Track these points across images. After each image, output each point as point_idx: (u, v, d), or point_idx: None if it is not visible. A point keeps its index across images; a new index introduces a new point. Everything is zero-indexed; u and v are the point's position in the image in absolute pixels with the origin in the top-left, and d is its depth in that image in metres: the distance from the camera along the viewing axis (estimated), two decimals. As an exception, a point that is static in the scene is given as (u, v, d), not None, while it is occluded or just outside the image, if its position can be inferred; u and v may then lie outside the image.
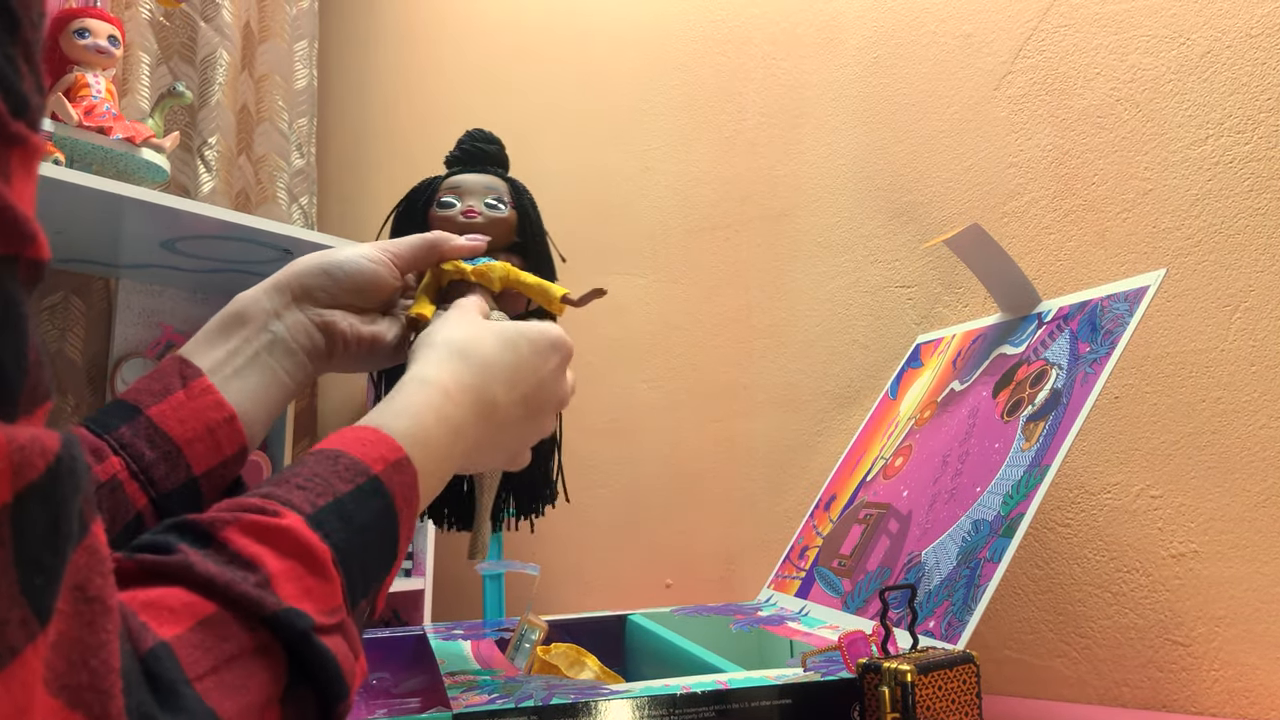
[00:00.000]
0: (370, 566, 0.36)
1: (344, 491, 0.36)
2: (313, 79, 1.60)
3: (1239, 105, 0.86)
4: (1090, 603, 0.88)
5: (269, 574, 0.31)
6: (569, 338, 0.52)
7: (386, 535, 0.38)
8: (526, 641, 0.70)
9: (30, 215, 0.22)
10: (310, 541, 0.33)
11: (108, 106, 1.04)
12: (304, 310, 0.52)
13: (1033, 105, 0.99)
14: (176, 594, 0.29)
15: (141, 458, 0.45)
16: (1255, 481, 0.82)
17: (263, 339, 0.51)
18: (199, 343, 0.50)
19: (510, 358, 0.48)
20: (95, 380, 1.26)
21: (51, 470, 0.21)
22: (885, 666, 0.52)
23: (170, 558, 0.30)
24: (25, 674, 0.20)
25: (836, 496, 0.95)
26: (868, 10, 1.13)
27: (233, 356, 0.49)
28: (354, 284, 0.53)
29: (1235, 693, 0.81)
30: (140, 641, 0.26)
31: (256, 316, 0.51)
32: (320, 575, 0.33)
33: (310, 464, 0.37)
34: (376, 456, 0.38)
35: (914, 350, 1.03)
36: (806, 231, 1.16)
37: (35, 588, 0.21)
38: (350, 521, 0.35)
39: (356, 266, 0.53)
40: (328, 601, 0.33)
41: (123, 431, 0.45)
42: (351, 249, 0.55)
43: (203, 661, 0.28)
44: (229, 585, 0.29)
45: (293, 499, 0.34)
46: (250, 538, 0.32)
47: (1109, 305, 0.75)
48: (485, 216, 0.62)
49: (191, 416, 0.47)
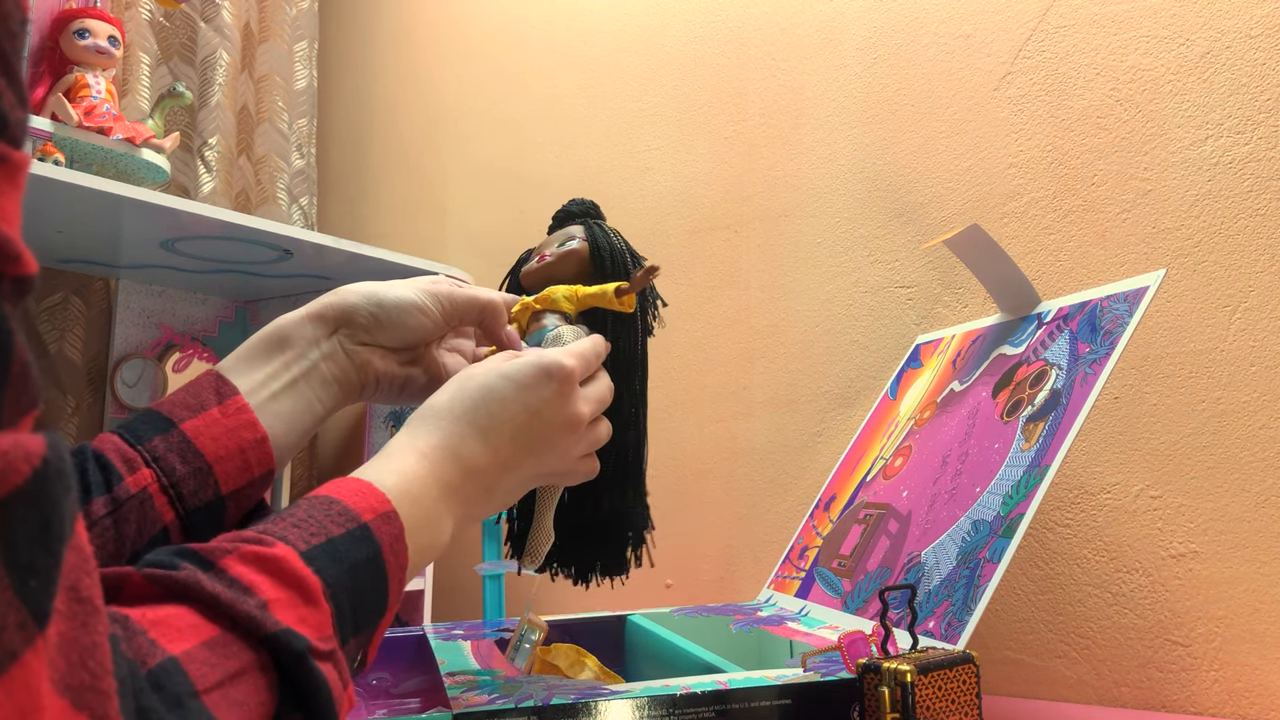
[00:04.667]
0: (360, 607, 0.37)
1: (336, 533, 0.37)
2: (313, 80, 1.60)
3: (1238, 106, 0.86)
4: (1090, 603, 0.88)
5: (266, 600, 0.32)
6: (566, 359, 0.50)
7: (376, 580, 0.39)
8: (526, 642, 0.70)
9: (14, 235, 0.21)
10: (302, 572, 0.34)
11: (108, 107, 1.04)
12: (342, 343, 0.53)
13: (1032, 106, 0.99)
14: (183, 614, 0.30)
15: (173, 472, 0.45)
16: (1255, 482, 0.82)
17: (301, 365, 0.51)
18: (238, 360, 0.50)
19: (487, 405, 0.48)
20: (95, 381, 1.26)
21: (39, 473, 0.21)
22: (885, 667, 0.52)
23: (178, 572, 0.31)
24: (27, 676, 0.20)
25: (836, 497, 0.95)
26: (867, 11, 1.13)
27: (271, 380, 0.50)
28: (397, 325, 0.54)
29: (1235, 693, 0.81)
30: (149, 656, 0.27)
31: (297, 343, 0.51)
32: (312, 604, 0.34)
33: (305, 507, 0.38)
34: (366, 506, 0.40)
35: (914, 350, 1.03)
36: (806, 232, 1.16)
37: (31, 590, 0.21)
38: (340, 561, 0.37)
39: (403, 309, 0.54)
40: (320, 629, 0.34)
41: (156, 443, 0.46)
42: (402, 287, 0.55)
43: (210, 676, 0.29)
44: (233, 604, 0.31)
45: (288, 535, 0.36)
46: (248, 566, 0.33)
47: (1109, 306, 0.75)
48: (554, 254, 0.64)
49: (224, 435, 0.47)
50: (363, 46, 1.73)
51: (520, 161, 1.46)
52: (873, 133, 1.11)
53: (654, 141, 1.31)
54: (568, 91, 1.42)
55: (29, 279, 0.22)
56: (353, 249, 1.16)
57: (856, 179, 1.12)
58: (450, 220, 1.54)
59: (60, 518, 0.22)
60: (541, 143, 1.43)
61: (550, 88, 1.44)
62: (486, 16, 1.55)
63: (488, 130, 1.51)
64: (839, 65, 1.15)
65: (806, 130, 1.17)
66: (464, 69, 1.57)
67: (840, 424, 1.10)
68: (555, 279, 0.63)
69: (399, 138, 1.64)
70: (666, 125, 1.30)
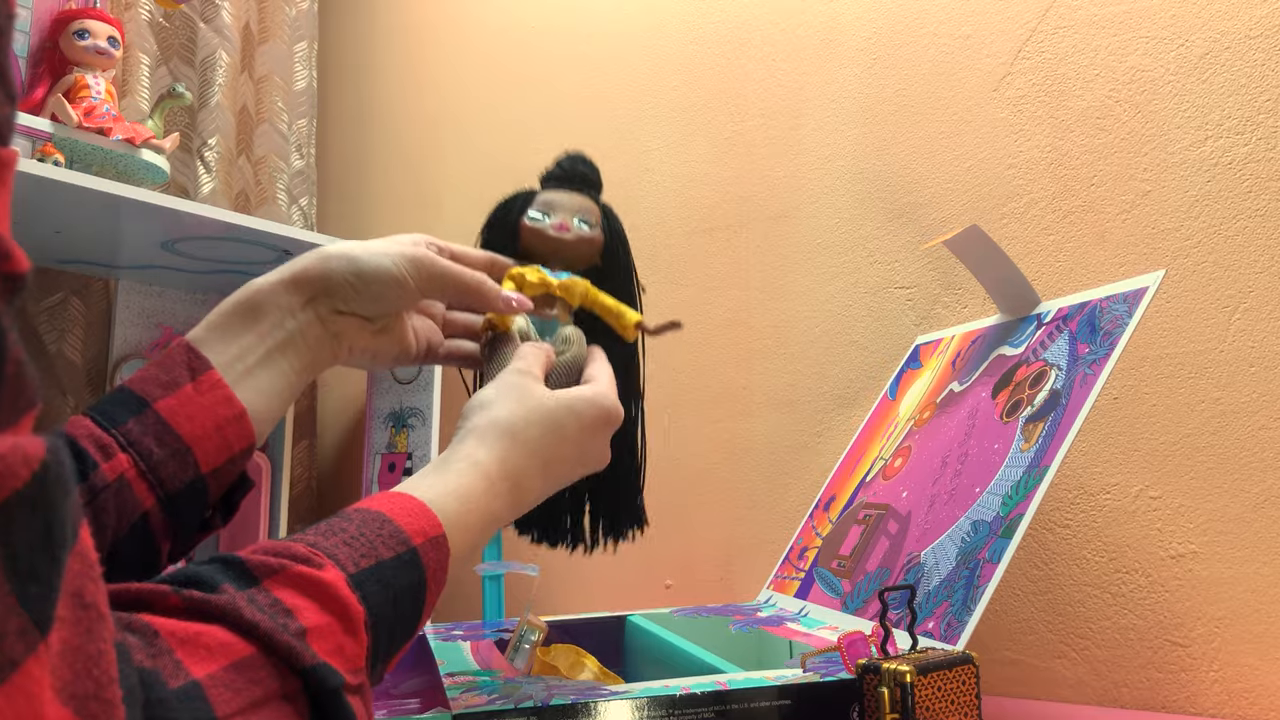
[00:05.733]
0: (396, 633, 0.37)
1: (386, 558, 0.37)
2: (312, 80, 1.60)
3: (1238, 107, 0.86)
4: (1089, 603, 0.88)
5: (306, 627, 0.32)
6: (618, 405, 0.52)
7: (416, 606, 0.39)
8: (526, 642, 0.70)
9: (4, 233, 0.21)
10: (348, 601, 0.34)
11: (107, 108, 1.04)
12: (318, 311, 0.51)
13: (1032, 106, 0.99)
14: (216, 633, 0.29)
15: (150, 455, 0.44)
16: (1254, 482, 0.82)
17: (276, 337, 0.49)
18: (210, 330, 0.48)
19: (552, 439, 0.48)
20: (95, 381, 1.26)
21: (39, 477, 0.21)
22: (884, 667, 0.52)
23: (217, 597, 0.30)
24: (28, 685, 0.20)
25: (836, 497, 0.95)
26: (867, 11, 1.13)
27: (246, 353, 0.48)
28: (375, 296, 0.52)
29: (1234, 694, 0.81)
30: (172, 677, 0.27)
31: (272, 312, 0.49)
32: (352, 634, 0.34)
33: (357, 523, 0.38)
34: (418, 530, 0.39)
35: (913, 351, 1.03)
36: (806, 233, 1.16)
37: (32, 597, 0.20)
38: (387, 588, 0.36)
39: (382, 280, 0.51)
40: (355, 661, 0.34)
41: (130, 426, 0.44)
42: (381, 255, 0.52)
43: (232, 702, 0.28)
44: (271, 634, 0.30)
45: (338, 554, 0.35)
46: (294, 589, 0.33)
47: (1108, 306, 0.75)
48: (575, 233, 0.62)
49: (200, 413, 0.46)
50: (362, 47, 1.73)
51: (520, 162, 1.46)
52: (872, 133, 1.11)
53: (653, 142, 1.31)
54: (567, 92, 1.42)
55: (21, 276, 0.22)
56: (352, 249, 1.16)
57: (856, 179, 1.12)
58: (449, 221, 1.54)
59: (61, 522, 0.22)
60: (541, 143, 1.43)
61: (550, 88, 1.44)
62: (487, 18, 1.55)
63: (487, 131, 1.51)
64: (838, 66, 1.15)
65: (806, 131, 1.17)
66: (464, 70, 1.57)
67: (840, 424, 1.10)
68: (561, 256, 0.61)
69: (399, 139, 1.64)
70: (666, 126, 1.30)
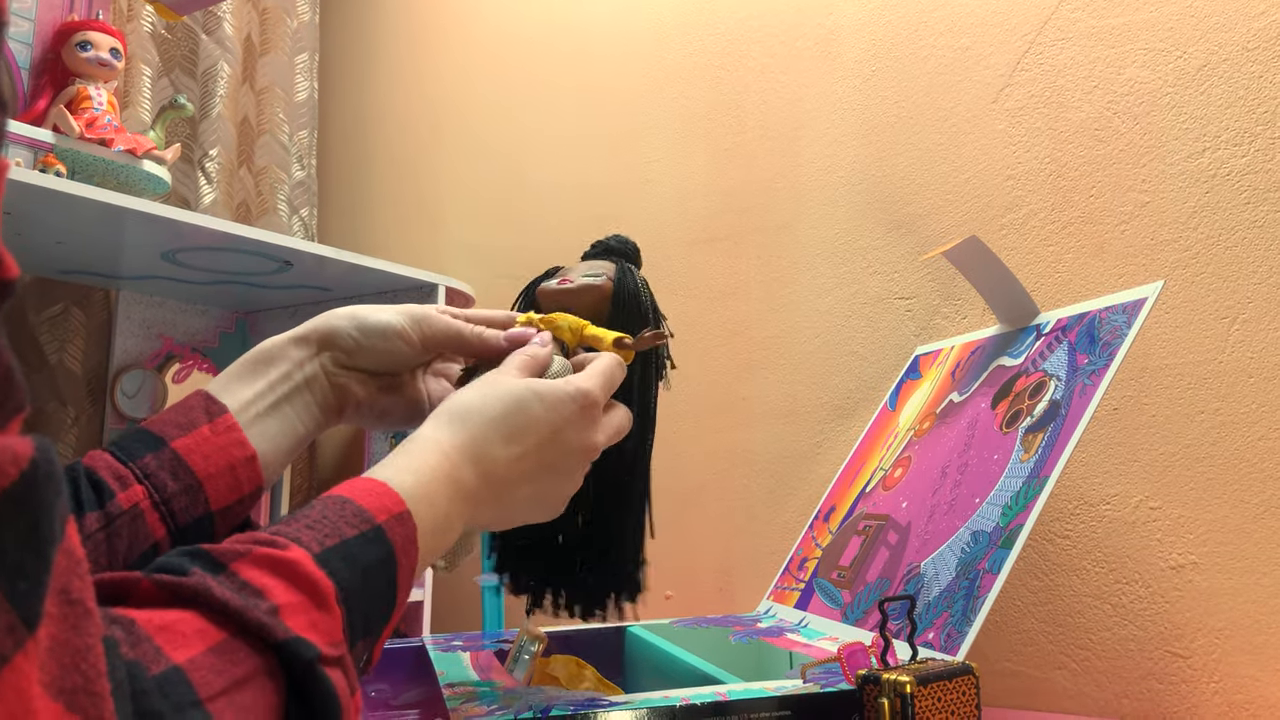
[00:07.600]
0: (370, 610, 0.37)
1: (350, 535, 0.37)
2: (313, 91, 1.60)
3: (1236, 118, 0.86)
4: (1089, 614, 0.88)
5: (278, 604, 0.32)
6: (593, 387, 0.52)
7: (387, 582, 0.39)
8: (526, 653, 0.70)
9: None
10: (316, 576, 0.34)
11: (109, 119, 1.04)
12: (324, 365, 0.53)
13: (1030, 118, 0.99)
14: (190, 619, 0.30)
15: (164, 488, 0.46)
16: (1254, 493, 0.82)
17: (286, 386, 0.52)
18: (227, 380, 0.51)
19: (516, 416, 0.49)
20: (95, 391, 1.26)
21: (27, 476, 0.21)
22: (884, 678, 0.52)
23: (188, 579, 0.31)
24: (17, 680, 0.20)
25: (836, 508, 0.95)
26: (866, 23, 1.14)
27: (257, 399, 0.51)
28: (378, 349, 0.54)
29: (1235, 705, 0.81)
30: (153, 663, 0.27)
31: (282, 363, 0.52)
32: (324, 609, 0.34)
33: (319, 508, 0.39)
34: (380, 507, 0.40)
35: (913, 362, 1.03)
36: (805, 243, 1.16)
37: (20, 593, 0.21)
38: (354, 563, 0.37)
39: (383, 333, 0.54)
40: (331, 635, 0.34)
41: (147, 460, 0.46)
42: (386, 311, 0.55)
43: (215, 683, 0.28)
44: (242, 611, 0.31)
45: (301, 537, 0.36)
46: (261, 569, 0.33)
47: (1107, 317, 0.75)
48: (578, 284, 0.63)
49: (215, 452, 0.48)
50: (363, 59, 1.74)
51: (520, 174, 1.47)
52: (871, 144, 1.12)
53: (654, 153, 1.31)
54: (567, 103, 1.42)
55: (10, 283, 0.22)
56: (353, 260, 1.17)
57: (855, 190, 1.13)
58: (450, 231, 1.55)
59: (49, 520, 0.22)
60: (541, 155, 1.43)
61: (550, 100, 1.45)
62: (487, 30, 1.55)
63: (487, 142, 1.52)
64: (838, 77, 1.16)
65: (805, 142, 1.18)
66: (464, 81, 1.58)
67: (840, 435, 1.10)
68: (569, 308, 0.62)
69: (399, 149, 1.65)
70: (666, 137, 1.31)
